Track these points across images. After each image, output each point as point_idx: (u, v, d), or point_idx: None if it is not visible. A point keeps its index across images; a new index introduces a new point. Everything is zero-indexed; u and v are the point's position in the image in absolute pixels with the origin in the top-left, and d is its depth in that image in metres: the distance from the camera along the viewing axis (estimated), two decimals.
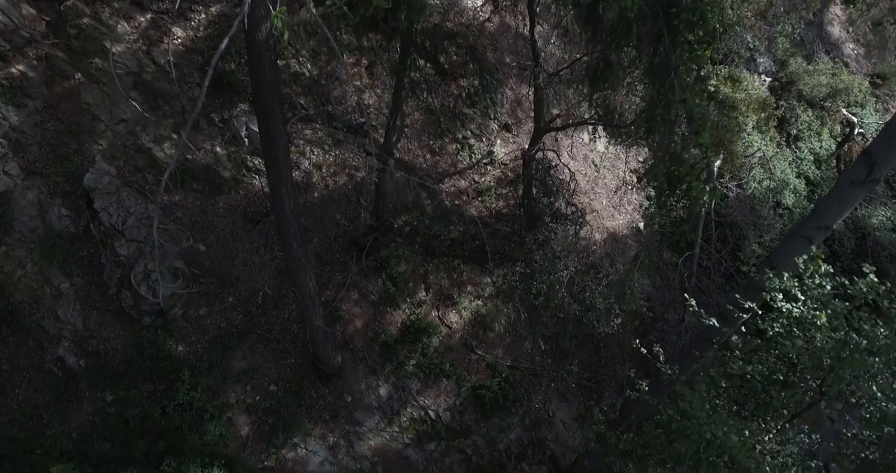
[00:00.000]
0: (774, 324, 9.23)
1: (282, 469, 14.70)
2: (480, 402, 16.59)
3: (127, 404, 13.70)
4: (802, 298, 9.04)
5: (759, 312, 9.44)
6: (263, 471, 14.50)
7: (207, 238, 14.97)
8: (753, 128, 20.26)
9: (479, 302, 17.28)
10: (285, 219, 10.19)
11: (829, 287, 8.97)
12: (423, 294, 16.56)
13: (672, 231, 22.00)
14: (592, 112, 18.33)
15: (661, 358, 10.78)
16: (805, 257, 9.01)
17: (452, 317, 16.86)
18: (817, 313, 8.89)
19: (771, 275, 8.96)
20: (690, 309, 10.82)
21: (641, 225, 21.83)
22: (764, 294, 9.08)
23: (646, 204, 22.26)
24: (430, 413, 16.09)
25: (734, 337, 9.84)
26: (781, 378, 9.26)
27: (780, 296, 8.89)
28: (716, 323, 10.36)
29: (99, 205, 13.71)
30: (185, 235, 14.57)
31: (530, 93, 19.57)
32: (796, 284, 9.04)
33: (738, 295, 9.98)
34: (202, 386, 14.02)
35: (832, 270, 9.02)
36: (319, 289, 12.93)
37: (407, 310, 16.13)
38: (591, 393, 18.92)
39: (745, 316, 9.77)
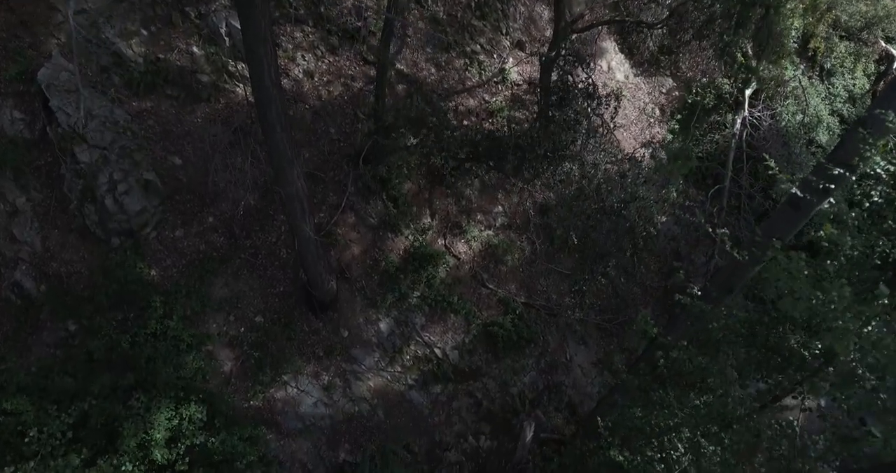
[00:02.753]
0: (872, 192, 7.48)
1: (270, 410, 13.07)
2: (492, 341, 14.94)
3: (92, 334, 12.00)
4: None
5: (854, 177, 7.68)
6: (249, 411, 12.87)
7: (184, 150, 13.16)
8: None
9: (490, 233, 15.54)
10: (265, 90, 8.37)
11: None
12: (428, 219, 14.80)
13: (698, 166, 20.27)
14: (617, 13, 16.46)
15: (696, 291, 9.05)
16: None
17: (460, 247, 15.13)
18: None
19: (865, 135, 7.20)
20: (722, 241, 9.09)
21: (664, 157, 20.00)
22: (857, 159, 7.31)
23: (669, 137, 20.53)
24: (436, 351, 14.43)
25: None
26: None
27: (879, 160, 7.13)
28: (747, 258, 8.73)
29: (55, 104, 11.88)
30: (158, 145, 12.77)
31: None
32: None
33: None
34: (178, 315, 12.31)
35: None
36: (312, 210, 11.18)
37: (410, 237, 14.38)
38: (611, 336, 17.28)
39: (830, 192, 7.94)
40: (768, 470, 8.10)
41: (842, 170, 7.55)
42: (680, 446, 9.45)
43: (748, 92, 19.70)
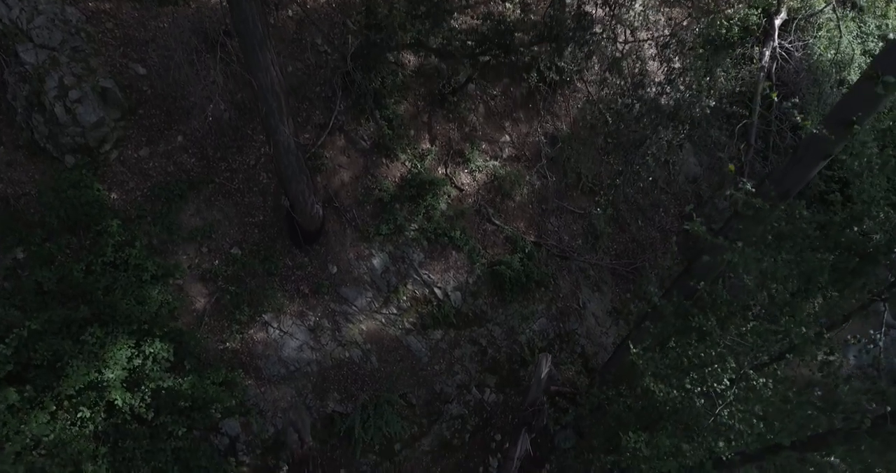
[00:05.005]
0: None
1: (248, 353, 11.59)
2: (498, 283, 13.43)
3: (42, 262, 10.49)
4: None
5: None
6: (224, 354, 11.40)
7: (148, 58, 11.54)
8: None
9: (497, 164, 13.96)
10: None
11: None
12: (427, 145, 13.22)
13: (721, 105, 18.63)
14: None
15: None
16: None
17: (463, 178, 13.56)
18: None
19: None
20: (740, 187, 7.54)
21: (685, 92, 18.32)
22: None
23: (690, 75, 18.85)
24: (436, 291, 12.92)
25: None
26: None
27: None
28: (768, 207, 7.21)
29: None
30: (118, 51, 11.15)
31: None
32: None
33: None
34: (141, 243, 10.79)
35: None
36: (290, 110, 9.59)
37: (407, 163, 12.80)
38: (627, 283, 15.78)
39: None
40: (847, 403, 6.59)
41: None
42: (725, 378, 7.96)
43: (777, 21, 18.01)
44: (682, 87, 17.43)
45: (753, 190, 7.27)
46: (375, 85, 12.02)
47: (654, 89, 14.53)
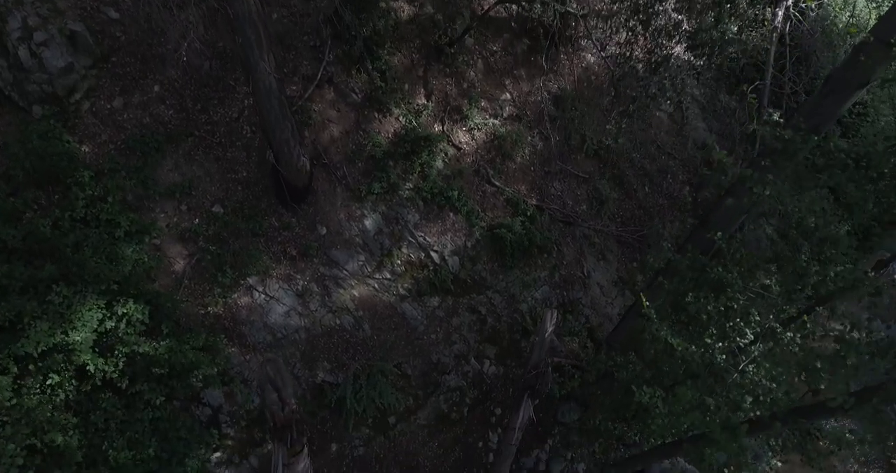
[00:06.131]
0: None
1: (232, 319, 10.85)
2: (498, 247, 12.69)
3: (6, 218, 9.69)
4: None
5: None
6: (206, 319, 10.65)
7: (121, 2, 10.71)
8: None
9: (497, 122, 13.17)
10: None
11: None
12: (423, 100, 12.42)
13: (731, 67, 17.84)
14: None
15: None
16: None
17: (462, 136, 12.78)
18: None
19: None
20: (767, 120, 6.77)
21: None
22: None
23: (700, 35, 18.00)
24: (433, 255, 12.17)
25: None
26: None
27: None
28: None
29: None
30: None
31: None
32: None
33: None
34: (114, 198, 10.02)
35: None
36: (271, 44, 8.77)
37: (402, 118, 12.01)
38: (633, 252, 15.04)
39: None
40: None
41: None
42: (749, 332, 7.22)
43: None
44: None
45: (781, 121, 6.51)
46: (367, 32, 11.20)
47: (665, 44, 13.75)
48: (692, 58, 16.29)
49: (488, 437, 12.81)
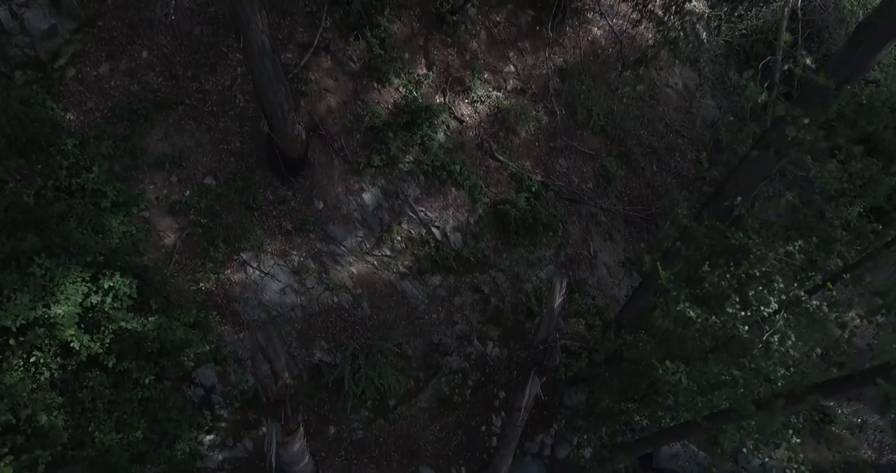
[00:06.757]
0: None
1: (225, 295, 10.41)
2: (502, 224, 12.23)
3: None
4: None
5: None
6: (198, 296, 10.20)
7: None
8: None
9: (500, 95, 12.68)
10: None
11: None
12: (424, 70, 11.93)
13: (740, 44, 17.35)
14: None
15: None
16: None
17: (464, 108, 12.29)
18: None
19: None
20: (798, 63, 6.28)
21: (703, 35, 17.01)
22: None
23: (707, 11, 17.51)
24: (434, 231, 11.71)
25: None
26: None
27: None
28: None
29: None
30: None
31: None
32: None
33: None
34: (100, 168, 9.56)
35: None
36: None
37: (401, 88, 11.52)
38: (641, 232, 14.57)
39: None
40: None
41: None
42: (773, 300, 6.77)
43: None
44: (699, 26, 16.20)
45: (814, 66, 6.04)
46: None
47: (673, 20, 13.27)
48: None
49: (491, 421, 12.39)
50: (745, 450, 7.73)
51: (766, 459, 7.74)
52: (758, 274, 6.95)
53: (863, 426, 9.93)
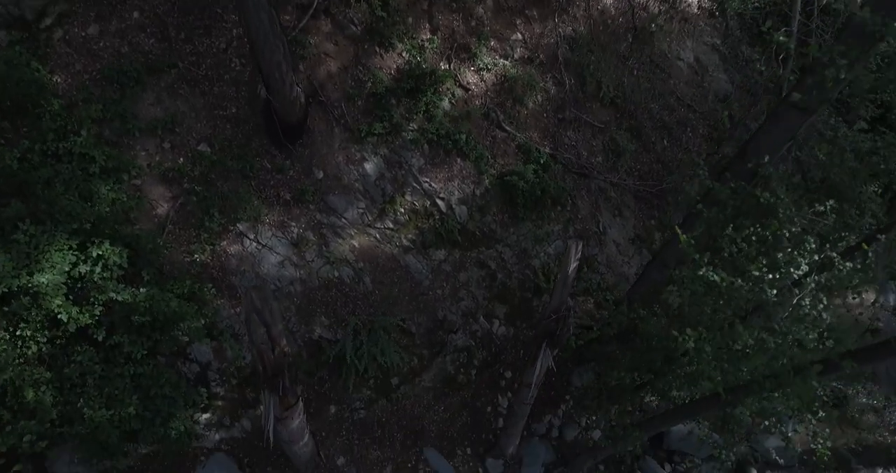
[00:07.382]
0: None
1: (221, 268, 9.97)
2: (509, 197, 11.78)
3: None
4: None
5: None
6: (192, 268, 9.76)
7: None
8: None
9: (507, 63, 12.19)
10: None
11: None
12: (428, 35, 11.44)
13: (753, 17, 16.84)
14: None
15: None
16: None
17: (469, 76, 11.80)
18: None
19: None
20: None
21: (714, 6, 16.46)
22: None
23: None
24: (439, 203, 11.26)
25: None
26: None
27: None
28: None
29: None
30: None
31: None
32: None
33: None
34: (89, 131, 9.10)
35: None
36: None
37: (405, 53, 11.04)
38: (651, 209, 14.12)
39: None
40: None
41: None
42: (804, 262, 6.32)
43: None
44: None
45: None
46: None
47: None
48: None
49: (497, 402, 11.99)
50: (766, 424, 7.30)
51: (788, 434, 7.32)
52: (787, 234, 6.50)
53: (886, 405, 9.48)
